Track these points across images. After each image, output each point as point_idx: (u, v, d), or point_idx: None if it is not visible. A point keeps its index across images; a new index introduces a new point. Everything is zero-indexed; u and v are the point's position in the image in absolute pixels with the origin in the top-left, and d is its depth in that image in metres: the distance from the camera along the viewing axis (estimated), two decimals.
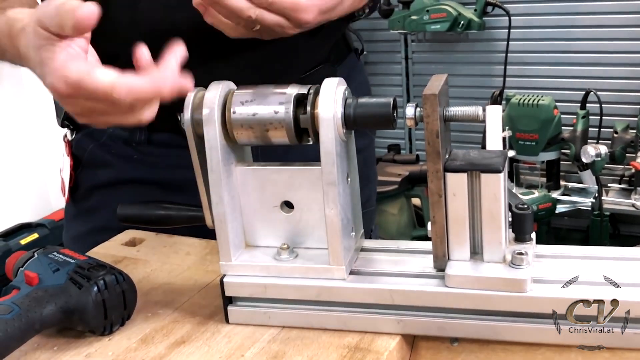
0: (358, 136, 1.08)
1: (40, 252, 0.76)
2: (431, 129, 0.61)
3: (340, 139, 0.66)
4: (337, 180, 0.65)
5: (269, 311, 0.71)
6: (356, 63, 1.12)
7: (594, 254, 0.69)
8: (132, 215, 0.78)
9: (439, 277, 0.66)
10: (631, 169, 2.70)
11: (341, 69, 1.04)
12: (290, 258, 0.70)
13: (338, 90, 0.65)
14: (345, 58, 1.07)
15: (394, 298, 0.66)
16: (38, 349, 0.70)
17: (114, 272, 0.71)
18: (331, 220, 0.66)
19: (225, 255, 0.70)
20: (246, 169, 0.70)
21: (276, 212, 0.71)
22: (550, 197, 2.72)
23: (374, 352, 0.65)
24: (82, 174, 1.03)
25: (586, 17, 2.81)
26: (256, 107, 0.67)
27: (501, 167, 0.62)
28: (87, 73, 0.59)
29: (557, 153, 2.78)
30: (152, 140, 0.97)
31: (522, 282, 0.62)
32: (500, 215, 0.63)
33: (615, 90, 2.82)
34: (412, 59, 3.27)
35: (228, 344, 0.68)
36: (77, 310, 0.69)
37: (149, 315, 0.75)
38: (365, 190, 1.14)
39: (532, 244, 0.68)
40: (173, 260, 0.88)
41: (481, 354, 0.66)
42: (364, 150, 1.13)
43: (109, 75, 0.59)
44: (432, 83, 0.63)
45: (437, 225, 0.65)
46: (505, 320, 0.64)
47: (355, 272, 0.70)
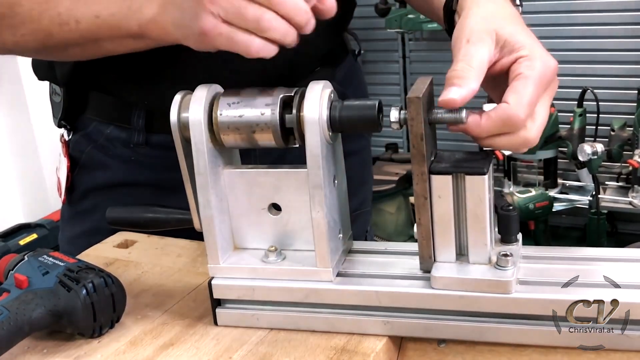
0: (354, 138, 1.09)
1: (31, 255, 0.77)
2: (415, 132, 0.62)
3: (326, 142, 0.66)
4: (323, 183, 0.65)
5: (257, 313, 0.71)
6: (354, 65, 1.12)
7: (588, 254, 0.70)
8: (120, 218, 0.78)
9: (425, 278, 0.66)
10: (628, 167, 2.70)
11: (339, 71, 1.04)
12: (278, 260, 0.71)
13: (324, 93, 0.66)
14: (343, 60, 1.07)
15: (380, 300, 0.67)
16: (28, 352, 0.70)
17: (103, 275, 0.72)
18: (318, 223, 0.67)
19: (213, 257, 0.71)
20: (233, 172, 0.70)
21: (264, 214, 0.71)
22: (547, 195, 2.72)
23: (361, 353, 0.66)
24: (78, 175, 1.04)
25: (583, 15, 2.81)
26: (243, 109, 0.67)
27: (485, 169, 0.62)
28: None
29: (554, 151, 2.78)
30: (150, 142, 0.97)
31: (507, 283, 0.63)
32: (485, 217, 0.64)
33: (612, 88, 2.82)
34: (409, 57, 3.27)
35: (216, 346, 0.69)
36: (66, 313, 0.69)
37: (138, 318, 0.75)
38: (361, 192, 1.14)
39: (518, 245, 0.68)
40: (164, 262, 0.89)
41: (468, 355, 0.66)
42: (360, 151, 1.13)
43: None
44: (416, 86, 0.63)
45: (423, 227, 0.65)
46: (491, 322, 0.64)
47: (342, 274, 0.70)
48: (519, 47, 0.65)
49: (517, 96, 0.62)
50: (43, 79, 1.03)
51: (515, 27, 0.67)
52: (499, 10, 0.70)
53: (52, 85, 1.03)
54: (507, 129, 0.63)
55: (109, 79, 0.86)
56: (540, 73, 0.63)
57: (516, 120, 0.62)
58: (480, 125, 0.63)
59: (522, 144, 0.64)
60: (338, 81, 0.89)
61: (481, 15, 0.69)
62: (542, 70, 0.64)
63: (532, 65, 0.64)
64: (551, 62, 0.65)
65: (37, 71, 1.03)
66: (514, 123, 0.62)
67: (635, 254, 0.68)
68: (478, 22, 0.67)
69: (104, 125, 0.99)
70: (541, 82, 0.63)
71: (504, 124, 0.62)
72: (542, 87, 0.64)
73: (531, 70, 0.63)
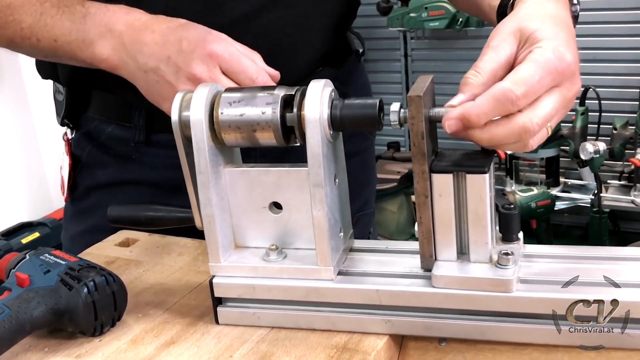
0: (357, 138, 1.09)
1: (32, 254, 0.77)
2: (416, 130, 0.62)
3: (326, 140, 0.66)
4: (323, 181, 0.65)
5: (258, 312, 0.71)
6: (357, 65, 1.12)
7: (589, 253, 0.69)
8: (122, 216, 0.78)
9: (426, 277, 0.66)
10: (630, 166, 2.70)
11: (342, 71, 1.04)
12: (279, 259, 0.71)
13: (324, 91, 0.66)
14: (345, 60, 1.07)
15: (381, 298, 0.67)
16: (29, 350, 0.70)
17: (104, 274, 0.72)
18: (318, 222, 0.67)
19: (214, 256, 0.71)
20: (234, 170, 0.70)
21: (265, 213, 0.71)
22: (549, 194, 2.72)
23: (361, 352, 0.66)
24: (80, 173, 1.04)
25: (585, 13, 2.80)
26: (243, 108, 0.67)
27: (486, 168, 0.62)
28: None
29: (556, 150, 2.78)
30: (151, 141, 0.97)
31: (508, 282, 0.63)
32: (486, 216, 0.64)
33: (615, 86, 2.82)
34: (411, 56, 3.27)
35: (217, 345, 0.69)
36: (67, 311, 0.69)
37: (139, 316, 0.75)
38: (364, 193, 1.14)
39: (519, 244, 0.68)
40: (165, 260, 0.89)
41: (468, 354, 0.66)
42: (363, 152, 1.12)
43: None
44: (417, 84, 0.63)
45: (424, 226, 0.65)
46: (492, 320, 0.64)
47: (343, 272, 0.70)
48: (538, 40, 0.62)
49: (515, 74, 0.60)
50: (47, 77, 1.03)
51: (545, 24, 0.64)
52: (539, 9, 0.68)
53: (56, 84, 1.03)
54: (502, 107, 0.59)
55: (108, 79, 0.86)
56: (547, 60, 0.61)
57: (510, 96, 0.59)
58: (476, 104, 0.60)
59: (520, 132, 0.60)
60: (340, 81, 0.89)
61: (519, 15, 0.67)
62: (551, 59, 0.61)
63: (541, 52, 0.61)
64: (567, 56, 0.62)
65: (40, 70, 1.03)
66: (507, 99, 0.59)
67: (635, 253, 0.68)
68: (509, 23, 0.65)
69: (105, 124, 0.99)
70: (547, 69, 0.60)
71: (497, 101, 0.59)
72: (548, 75, 0.61)
73: (538, 56, 0.61)
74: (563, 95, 0.63)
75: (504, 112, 0.60)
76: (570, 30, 0.67)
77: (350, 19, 1.06)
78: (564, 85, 0.63)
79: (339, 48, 1.05)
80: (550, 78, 0.61)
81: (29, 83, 2.78)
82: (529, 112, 0.60)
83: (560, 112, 0.63)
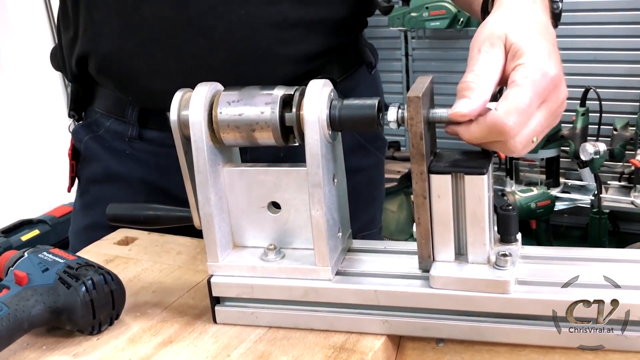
0: (364, 155, 1.06)
1: (31, 252, 0.77)
2: (415, 131, 0.62)
3: (325, 141, 0.66)
4: (322, 181, 0.65)
5: (256, 311, 0.71)
6: (367, 77, 1.07)
7: (587, 255, 0.69)
8: (121, 215, 0.78)
9: (424, 278, 0.66)
10: (630, 167, 2.70)
11: (346, 82, 0.99)
12: (277, 258, 0.71)
13: (323, 91, 0.66)
14: (351, 71, 1.02)
15: (379, 299, 0.67)
16: (27, 348, 0.71)
17: (102, 272, 0.72)
18: (317, 222, 0.67)
19: (213, 255, 0.71)
20: (233, 170, 0.70)
21: (263, 212, 0.71)
22: (549, 194, 2.72)
23: (359, 352, 0.66)
24: (81, 165, 1.05)
25: (586, 14, 2.81)
26: (242, 107, 0.67)
27: (485, 169, 0.62)
28: None
29: (557, 150, 2.78)
30: (144, 137, 0.98)
31: (505, 283, 0.63)
32: (484, 217, 0.64)
33: (615, 87, 2.82)
34: (412, 56, 3.27)
35: (215, 344, 0.69)
36: (65, 309, 0.69)
37: (137, 315, 0.75)
38: (370, 210, 1.12)
39: (517, 245, 0.68)
40: (164, 259, 0.89)
41: (466, 355, 0.66)
42: (369, 169, 1.09)
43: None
44: (416, 85, 0.63)
45: (422, 227, 0.65)
46: (489, 321, 0.64)
47: (341, 272, 0.70)
48: (521, 54, 0.62)
49: (507, 103, 0.60)
50: (57, 69, 1.05)
51: (526, 31, 0.64)
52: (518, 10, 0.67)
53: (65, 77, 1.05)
54: (496, 136, 0.60)
55: (103, 75, 0.87)
56: (534, 81, 0.61)
57: (503, 128, 0.59)
58: (470, 130, 0.61)
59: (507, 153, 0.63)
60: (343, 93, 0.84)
61: (500, 16, 0.66)
62: (537, 79, 0.61)
63: (527, 73, 0.61)
64: (551, 71, 0.61)
65: (53, 61, 1.05)
66: (501, 131, 0.60)
67: (635, 254, 0.68)
68: (494, 26, 0.65)
69: (105, 118, 1.00)
70: (535, 91, 0.60)
71: (490, 132, 0.60)
72: (536, 97, 0.61)
73: (525, 79, 0.61)
74: (549, 109, 0.63)
75: (497, 139, 0.61)
76: (550, 35, 0.66)
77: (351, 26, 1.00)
78: (550, 100, 0.63)
79: (340, 57, 1.00)
80: (538, 98, 0.61)
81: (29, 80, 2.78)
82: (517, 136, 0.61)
83: (547, 127, 0.64)
